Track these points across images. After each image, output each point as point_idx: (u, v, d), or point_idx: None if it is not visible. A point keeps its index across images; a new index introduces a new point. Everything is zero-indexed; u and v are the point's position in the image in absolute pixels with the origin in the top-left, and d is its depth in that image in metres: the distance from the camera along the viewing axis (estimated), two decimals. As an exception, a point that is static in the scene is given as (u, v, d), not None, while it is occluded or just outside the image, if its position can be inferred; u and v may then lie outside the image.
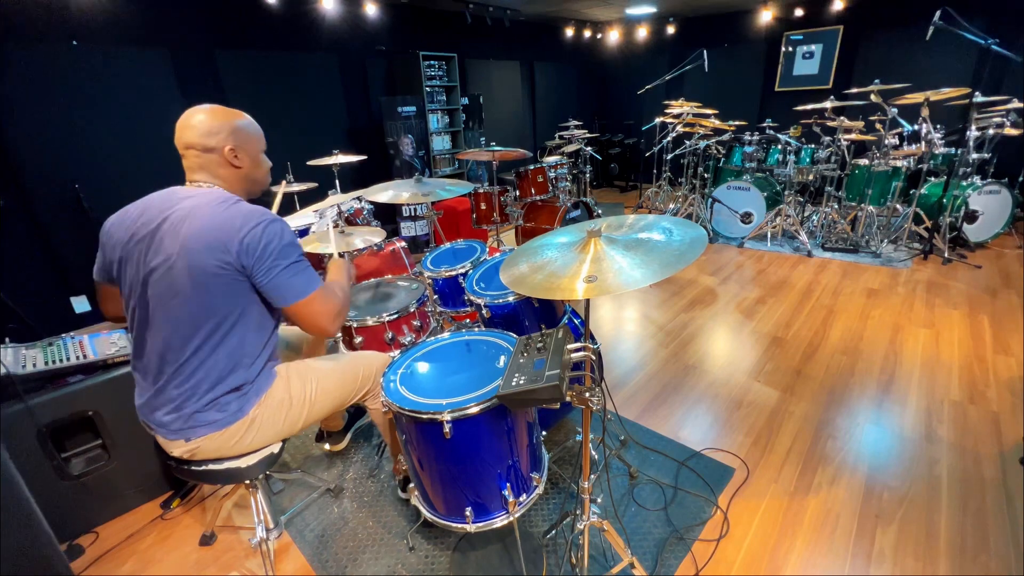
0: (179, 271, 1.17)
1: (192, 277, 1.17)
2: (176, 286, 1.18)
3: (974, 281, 3.63)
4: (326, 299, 1.31)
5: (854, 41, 5.82)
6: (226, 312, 1.22)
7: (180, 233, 1.17)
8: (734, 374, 2.62)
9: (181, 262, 1.16)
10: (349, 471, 2.08)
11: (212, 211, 1.19)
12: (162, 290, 1.19)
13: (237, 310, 1.24)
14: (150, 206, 1.24)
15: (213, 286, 1.18)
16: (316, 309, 1.28)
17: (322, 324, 1.30)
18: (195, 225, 1.17)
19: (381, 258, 2.88)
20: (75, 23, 3.28)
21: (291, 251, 1.25)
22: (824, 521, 1.72)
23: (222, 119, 1.27)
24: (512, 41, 6.66)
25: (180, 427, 1.25)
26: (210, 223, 1.17)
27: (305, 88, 4.66)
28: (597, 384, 1.24)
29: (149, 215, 1.22)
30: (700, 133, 4.96)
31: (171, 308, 1.20)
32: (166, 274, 1.18)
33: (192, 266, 1.16)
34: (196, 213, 1.18)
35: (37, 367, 1.68)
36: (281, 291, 1.24)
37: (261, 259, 1.19)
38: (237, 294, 1.22)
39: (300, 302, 1.26)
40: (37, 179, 3.24)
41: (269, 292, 1.24)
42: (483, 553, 1.65)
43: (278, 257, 1.21)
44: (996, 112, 4.13)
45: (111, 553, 1.76)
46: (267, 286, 1.22)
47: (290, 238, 1.25)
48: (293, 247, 1.25)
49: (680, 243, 1.17)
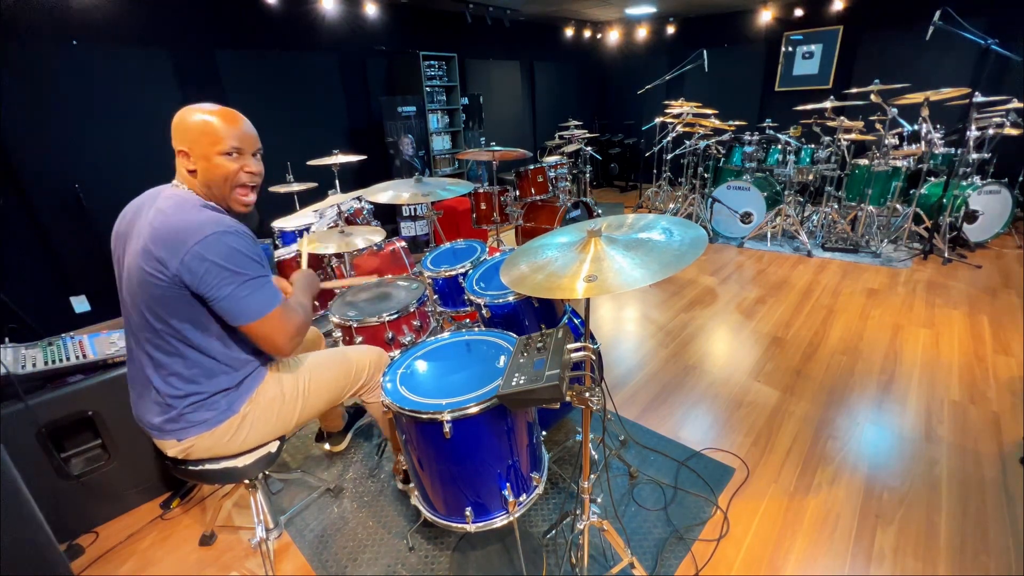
0: (134, 278, 1.15)
1: (142, 287, 1.14)
2: (135, 292, 1.16)
3: (974, 281, 3.63)
4: (284, 317, 1.21)
5: (854, 41, 5.81)
6: (193, 318, 1.17)
7: (142, 236, 1.14)
8: (734, 374, 2.62)
9: (135, 266, 1.14)
10: (349, 471, 2.08)
11: (169, 215, 1.13)
12: (129, 294, 1.18)
13: (203, 318, 1.18)
14: (139, 203, 1.23)
15: (162, 297, 1.13)
16: (272, 327, 1.19)
17: (278, 343, 1.22)
18: (152, 229, 1.12)
19: (381, 258, 2.89)
20: (75, 23, 3.28)
21: (246, 266, 1.14)
22: (824, 521, 1.72)
23: (180, 118, 1.19)
24: (512, 41, 6.66)
25: (171, 428, 1.25)
26: (160, 232, 1.11)
27: (305, 88, 4.66)
28: (597, 384, 1.24)
29: (133, 213, 1.21)
30: (700, 133, 4.96)
31: (141, 312, 1.17)
32: (129, 278, 1.17)
33: (140, 277, 1.13)
34: (158, 216, 1.14)
35: (37, 367, 1.68)
36: (233, 312, 1.15)
37: (205, 280, 1.10)
38: (191, 305, 1.15)
39: (255, 322, 1.17)
40: (37, 179, 3.24)
41: (221, 312, 1.15)
42: (483, 553, 1.65)
43: (226, 276, 1.11)
44: (996, 112, 4.12)
45: (111, 553, 1.76)
46: (218, 306, 1.14)
47: (246, 251, 1.15)
48: (248, 262, 1.15)
49: (680, 243, 1.17)
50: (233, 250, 1.13)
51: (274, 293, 1.21)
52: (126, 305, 1.22)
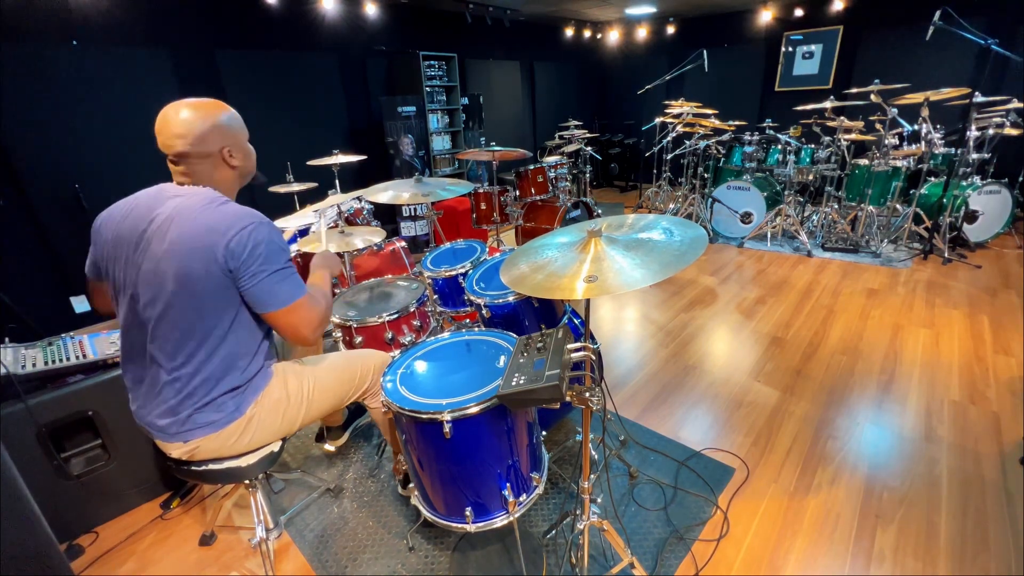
0: (166, 276, 1.13)
1: (179, 282, 1.13)
2: (165, 291, 1.15)
3: (974, 281, 3.63)
4: (310, 307, 1.27)
5: (854, 41, 5.81)
6: (218, 316, 1.19)
7: (167, 236, 1.13)
8: (734, 374, 2.62)
9: (168, 266, 1.13)
10: (349, 471, 2.08)
11: (199, 213, 1.15)
12: (151, 295, 1.16)
13: (230, 313, 1.21)
14: (138, 205, 1.20)
15: (202, 291, 1.15)
16: (298, 317, 1.24)
17: (304, 333, 1.26)
18: (182, 228, 1.13)
19: (381, 258, 2.89)
20: (75, 23, 3.28)
21: (278, 256, 1.20)
22: (824, 521, 1.72)
23: (208, 120, 1.20)
24: (512, 41, 6.66)
25: (177, 430, 1.24)
26: (197, 226, 1.14)
27: (305, 88, 4.66)
28: (597, 384, 1.24)
29: (137, 215, 1.19)
30: (700, 133, 4.96)
31: (161, 314, 1.16)
32: (154, 279, 1.15)
33: (179, 271, 1.13)
34: (184, 215, 1.14)
35: (37, 367, 1.68)
36: (264, 298, 1.20)
37: (246, 264, 1.15)
38: (228, 297, 1.19)
39: (282, 310, 1.22)
40: (37, 179, 3.24)
41: (252, 298, 1.20)
42: (483, 553, 1.65)
43: (264, 263, 1.17)
44: (996, 112, 4.12)
45: (111, 553, 1.76)
46: (250, 292, 1.18)
47: (278, 243, 1.21)
48: (280, 252, 1.21)
49: (680, 243, 1.17)
50: (270, 240, 1.19)
51: (300, 283, 1.26)
52: (136, 307, 1.19)
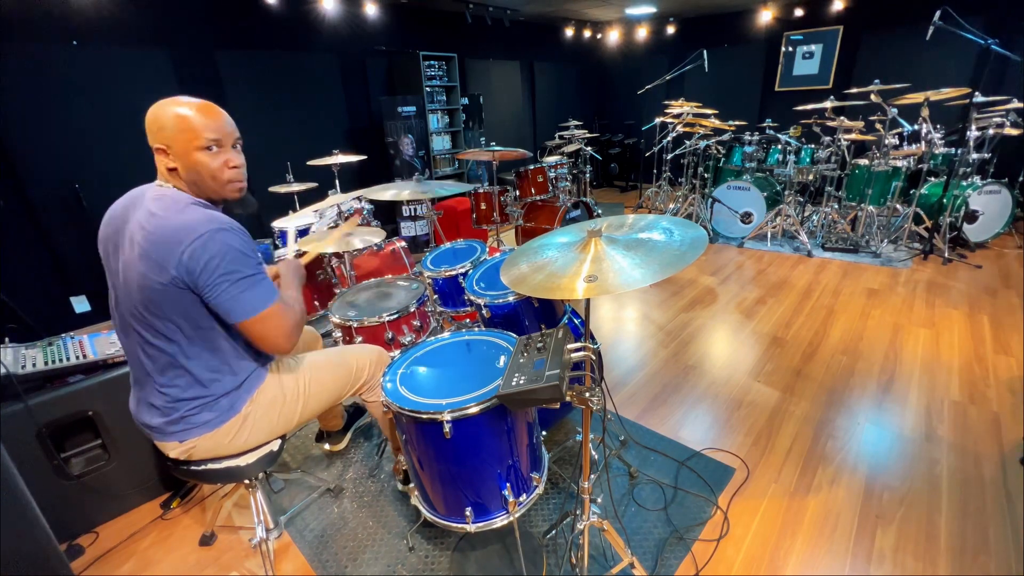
0: (132, 285, 1.13)
1: (143, 292, 1.12)
2: (133, 299, 1.14)
3: (974, 281, 3.63)
4: (281, 315, 1.21)
5: (854, 41, 5.81)
6: (193, 321, 1.17)
7: (134, 241, 1.12)
8: (734, 374, 2.62)
9: (132, 276, 1.12)
10: (349, 471, 2.08)
11: (161, 221, 1.11)
12: (128, 302, 1.16)
13: (205, 318, 1.18)
14: (125, 205, 1.20)
15: (162, 300, 1.12)
16: (269, 326, 1.19)
17: (276, 342, 1.21)
18: (145, 234, 1.11)
19: (381, 258, 2.89)
20: (75, 23, 3.28)
21: (241, 264, 1.13)
22: (824, 521, 1.72)
23: (154, 114, 1.15)
24: (512, 41, 6.66)
25: (172, 430, 1.24)
26: (154, 235, 1.10)
27: (305, 88, 4.66)
28: (597, 384, 1.24)
29: (120, 215, 1.19)
30: (700, 133, 4.96)
31: (140, 319, 1.16)
32: (124, 286, 1.15)
33: (141, 281, 1.11)
34: (148, 221, 1.12)
35: (37, 367, 1.68)
36: (229, 307, 1.14)
37: (203, 276, 1.10)
38: (193, 305, 1.14)
39: (250, 320, 1.16)
40: (37, 179, 3.25)
41: (217, 309, 1.15)
42: (483, 553, 1.65)
43: (224, 273, 1.11)
44: (996, 112, 4.12)
45: (111, 553, 1.76)
46: (214, 303, 1.14)
47: (240, 248, 1.14)
48: (243, 259, 1.14)
49: (680, 243, 1.17)
50: (228, 247, 1.12)
51: (270, 290, 1.20)
52: (122, 309, 1.19)
